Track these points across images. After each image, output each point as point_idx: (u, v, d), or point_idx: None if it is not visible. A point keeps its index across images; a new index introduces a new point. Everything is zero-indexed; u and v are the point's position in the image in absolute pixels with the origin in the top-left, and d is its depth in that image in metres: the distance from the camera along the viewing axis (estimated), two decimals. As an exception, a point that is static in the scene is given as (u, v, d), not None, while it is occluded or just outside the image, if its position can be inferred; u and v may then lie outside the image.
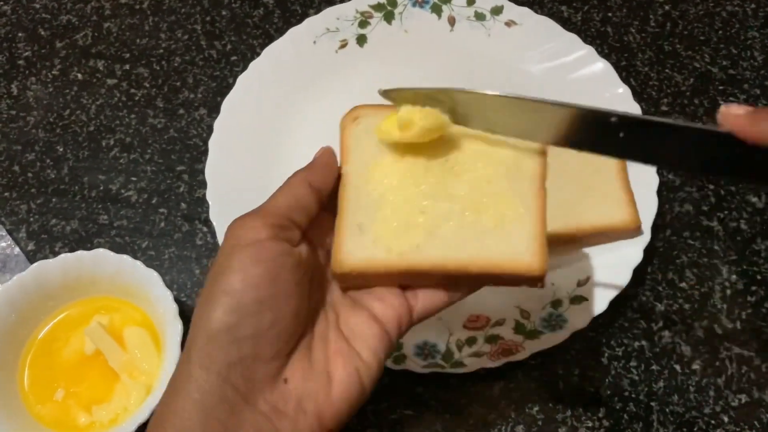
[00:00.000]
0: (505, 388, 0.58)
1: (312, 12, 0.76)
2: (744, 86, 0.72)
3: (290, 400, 0.37)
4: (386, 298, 0.41)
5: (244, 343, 0.36)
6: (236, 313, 0.36)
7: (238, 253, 0.37)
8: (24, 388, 0.55)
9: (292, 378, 0.38)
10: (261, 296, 0.37)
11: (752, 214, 0.65)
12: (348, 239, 0.41)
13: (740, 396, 0.57)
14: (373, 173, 0.42)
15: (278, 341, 0.37)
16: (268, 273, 0.37)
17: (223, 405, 0.35)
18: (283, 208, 0.40)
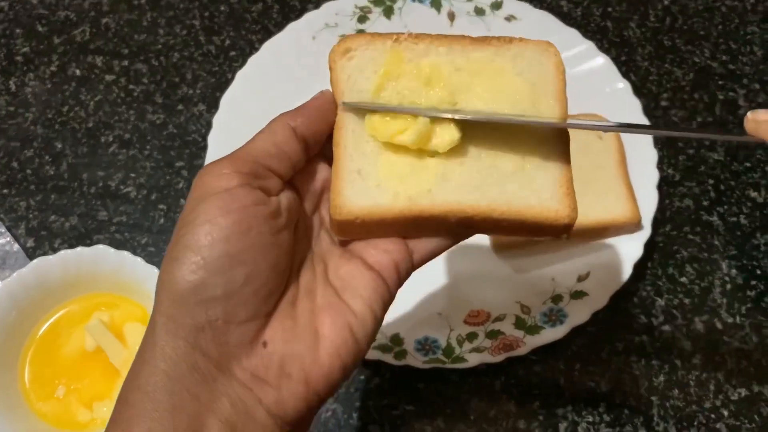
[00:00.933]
0: (506, 383, 0.58)
1: (311, 7, 0.76)
2: (743, 81, 0.72)
3: (271, 365, 0.33)
4: (381, 244, 0.37)
5: (213, 304, 0.32)
6: (203, 271, 0.32)
7: (205, 204, 0.33)
8: (25, 385, 0.55)
9: (273, 340, 0.34)
10: (231, 250, 0.32)
11: (752, 209, 0.65)
12: (347, 185, 0.37)
13: (740, 390, 0.58)
14: (373, 115, 0.38)
15: (254, 300, 0.33)
16: (239, 224, 0.33)
17: (194, 374, 0.32)
18: (259, 153, 0.35)
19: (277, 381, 0.33)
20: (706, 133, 0.64)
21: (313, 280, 0.37)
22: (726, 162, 0.68)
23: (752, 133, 0.34)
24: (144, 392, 0.31)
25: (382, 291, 0.36)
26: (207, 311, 0.32)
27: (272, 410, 0.33)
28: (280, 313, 0.35)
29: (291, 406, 0.33)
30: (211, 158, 0.65)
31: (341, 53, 0.40)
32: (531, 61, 0.40)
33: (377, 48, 0.40)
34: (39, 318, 0.57)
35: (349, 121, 0.38)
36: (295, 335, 0.34)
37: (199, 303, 0.32)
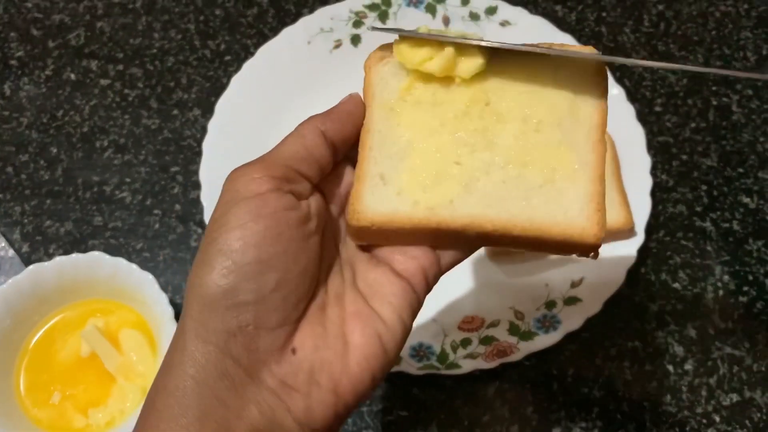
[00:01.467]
0: (500, 389, 0.58)
1: (306, 12, 0.76)
2: (737, 86, 0.73)
3: (301, 372, 0.33)
4: (408, 250, 0.37)
5: (244, 309, 0.32)
6: (234, 276, 0.32)
7: (236, 208, 0.33)
8: (20, 392, 0.55)
9: (302, 347, 0.33)
10: (262, 256, 0.32)
11: (744, 215, 0.66)
12: (368, 190, 0.36)
13: (732, 395, 0.58)
14: (401, 117, 0.37)
15: (284, 306, 0.33)
16: (270, 229, 0.33)
17: (223, 381, 0.31)
18: (290, 158, 0.35)
19: (307, 389, 0.33)
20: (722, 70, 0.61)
21: (342, 286, 0.36)
22: (719, 168, 0.68)
23: None
24: (172, 397, 0.31)
25: (411, 299, 0.36)
26: (238, 317, 0.32)
27: (300, 419, 0.33)
28: (310, 319, 0.34)
29: (319, 414, 0.33)
30: (206, 164, 0.65)
31: (377, 59, 0.39)
32: (573, 71, 0.38)
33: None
34: (34, 324, 0.57)
35: (377, 122, 0.38)
36: (325, 342, 0.34)
37: (230, 308, 0.32)
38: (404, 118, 0.38)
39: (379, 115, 0.38)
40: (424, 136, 0.37)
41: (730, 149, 0.69)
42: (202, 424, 0.31)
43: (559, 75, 0.38)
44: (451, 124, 0.37)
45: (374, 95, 0.38)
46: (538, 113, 0.37)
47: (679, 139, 0.70)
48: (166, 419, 0.31)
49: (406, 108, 0.38)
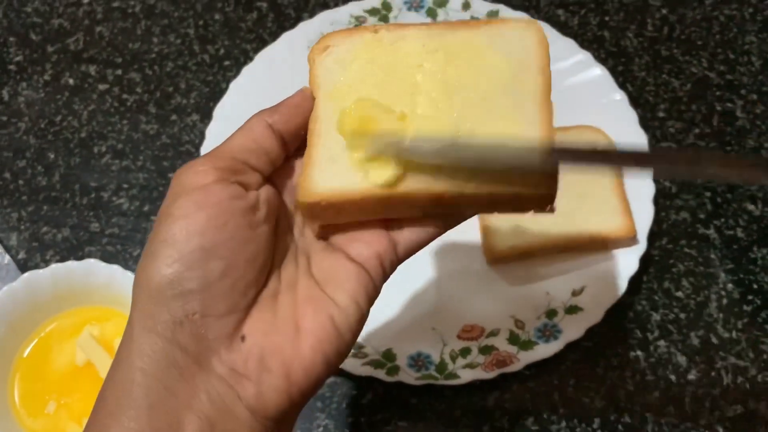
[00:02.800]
0: (500, 399, 0.58)
1: (306, 16, 0.76)
2: (741, 92, 0.72)
3: (251, 358, 0.33)
4: (364, 236, 0.37)
5: (190, 297, 0.32)
6: (178, 264, 0.32)
7: (181, 200, 0.33)
8: (15, 402, 0.54)
9: (252, 333, 0.33)
10: (207, 243, 0.33)
11: (749, 222, 0.65)
12: (316, 169, 0.36)
13: (736, 407, 0.57)
14: (345, 103, 0.38)
15: (232, 294, 0.33)
16: (215, 218, 0.33)
17: (171, 370, 0.31)
18: (236, 150, 0.36)
19: (257, 375, 0.33)
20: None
21: (295, 274, 0.36)
22: (723, 174, 0.67)
23: None
24: (120, 389, 0.31)
25: (366, 283, 0.36)
26: (184, 305, 0.32)
27: (252, 405, 0.33)
28: (260, 306, 0.34)
29: (272, 400, 0.33)
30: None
31: (320, 50, 0.40)
32: (513, 38, 0.39)
33: (354, 41, 0.40)
34: (29, 332, 0.56)
35: (324, 110, 0.38)
36: (276, 328, 0.34)
37: (176, 297, 0.32)
38: (349, 101, 0.38)
39: (326, 104, 0.38)
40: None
41: (734, 155, 0.68)
42: (150, 416, 0.31)
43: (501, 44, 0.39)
44: (399, 101, 0.37)
45: (320, 86, 0.39)
46: (481, 83, 0.38)
47: (682, 144, 0.69)
48: (115, 412, 0.31)
49: (352, 91, 0.38)
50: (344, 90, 0.38)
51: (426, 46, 0.39)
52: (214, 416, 0.32)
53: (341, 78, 0.39)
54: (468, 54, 0.39)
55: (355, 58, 0.39)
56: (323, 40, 0.40)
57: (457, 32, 0.40)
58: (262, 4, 0.78)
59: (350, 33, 0.40)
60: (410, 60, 0.39)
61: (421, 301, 0.60)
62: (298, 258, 0.37)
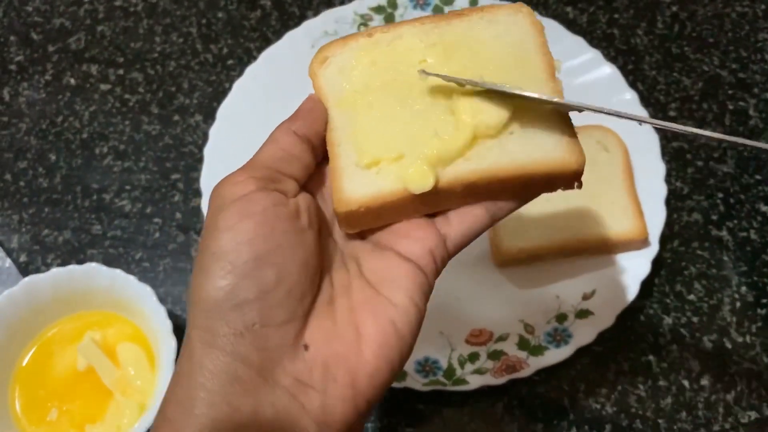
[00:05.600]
0: (509, 405, 0.56)
1: (310, 15, 0.74)
2: (754, 90, 0.70)
3: (315, 368, 0.32)
4: (412, 233, 0.36)
5: (247, 308, 0.31)
6: (232, 276, 0.32)
7: (224, 212, 0.33)
8: (16, 409, 0.53)
9: (314, 342, 0.33)
10: (258, 252, 0.32)
11: (762, 224, 0.64)
12: (346, 178, 0.36)
13: (750, 413, 0.56)
14: (358, 109, 0.38)
15: (289, 301, 0.32)
16: (262, 226, 0.33)
17: (234, 386, 0.31)
18: (269, 160, 0.36)
19: (322, 385, 0.32)
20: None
21: (348, 278, 0.36)
22: (736, 174, 0.66)
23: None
24: (183, 407, 0.31)
25: (421, 281, 0.35)
26: (243, 316, 0.31)
27: (318, 417, 0.32)
28: (318, 314, 0.34)
29: (338, 411, 0.32)
30: (207, 171, 0.64)
31: (319, 63, 0.40)
32: (506, 24, 0.40)
33: (352, 48, 0.40)
34: (30, 338, 0.56)
35: (337, 119, 0.38)
36: (337, 336, 0.33)
37: (234, 308, 0.31)
38: (361, 111, 0.38)
39: (338, 113, 0.38)
40: (385, 120, 0.37)
41: (747, 155, 0.67)
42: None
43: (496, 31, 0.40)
44: (408, 100, 0.38)
45: (327, 96, 0.39)
46: (486, 71, 0.38)
47: (694, 144, 0.68)
48: (178, 429, 0.30)
49: (361, 102, 0.38)
50: (351, 97, 0.39)
51: (423, 41, 0.40)
52: (278, 430, 0.31)
53: (347, 86, 0.39)
54: (467, 44, 0.39)
55: (357, 64, 0.40)
56: (321, 52, 0.40)
57: (451, 24, 0.40)
58: (265, 3, 0.77)
59: (345, 41, 0.40)
60: (411, 57, 0.39)
61: (429, 304, 0.59)
62: (347, 262, 0.37)
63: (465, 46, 0.39)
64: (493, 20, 0.40)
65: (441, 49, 0.39)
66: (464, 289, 0.60)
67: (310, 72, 0.40)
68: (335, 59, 0.40)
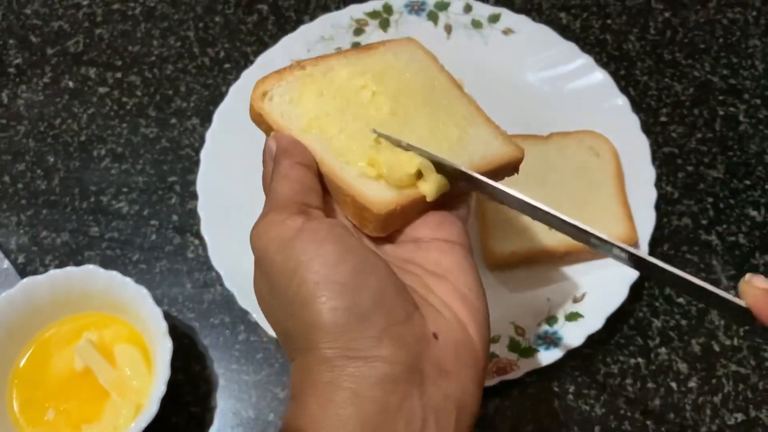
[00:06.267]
0: (500, 407, 0.57)
1: (306, 19, 0.75)
2: (744, 96, 0.71)
3: (449, 354, 0.34)
4: (433, 220, 0.39)
5: (373, 315, 0.32)
6: (344, 294, 0.32)
7: (293, 249, 0.34)
8: (13, 409, 0.54)
9: (440, 331, 0.34)
10: (353, 266, 0.33)
11: (751, 228, 0.65)
12: (364, 188, 0.38)
13: (737, 415, 0.57)
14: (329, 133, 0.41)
15: (399, 299, 0.34)
16: (338, 245, 0.34)
17: (385, 384, 0.31)
18: (290, 195, 0.36)
19: (457, 369, 0.34)
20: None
21: (419, 279, 0.37)
22: (725, 179, 0.67)
23: (741, 294, 0.32)
24: (326, 411, 0.31)
25: (471, 258, 0.38)
26: (375, 323, 0.32)
27: (458, 401, 0.33)
28: (425, 308, 0.35)
29: (472, 393, 0.34)
30: (204, 173, 0.64)
31: (261, 98, 0.42)
32: (408, 53, 0.46)
33: (289, 80, 0.43)
34: (28, 338, 0.56)
35: (315, 145, 0.40)
36: (449, 325, 0.35)
37: (361, 320, 0.32)
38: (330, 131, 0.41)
39: (309, 140, 0.40)
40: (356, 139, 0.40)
41: (737, 160, 0.68)
42: None
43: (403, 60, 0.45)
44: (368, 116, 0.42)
45: (290, 127, 0.41)
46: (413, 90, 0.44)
47: (684, 149, 0.68)
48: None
49: (324, 122, 0.41)
50: (314, 123, 0.41)
51: (353, 71, 0.43)
52: (425, 420, 0.32)
53: (304, 115, 0.41)
54: (389, 71, 0.44)
55: (302, 95, 0.42)
56: (257, 88, 0.42)
57: (369, 55, 0.45)
58: (262, 7, 0.78)
59: (280, 74, 0.43)
60: (352, 83, 0.43)
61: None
62: (405, 267, 0.38)
63: (389, 73, 0.44)
64: (397, 51, 0.46)
65: (372, 76, 0.43)
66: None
67: (257, 108, 0.41)
68: (277, 92, 0.42)
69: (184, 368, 0.59)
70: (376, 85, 0.43)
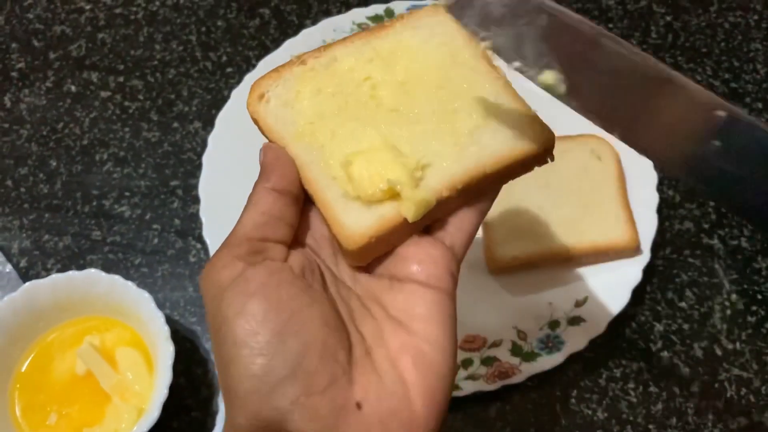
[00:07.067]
0: (502, 410, 0.57)
1: (308, 23, 0.75)
2: (746, 100, 0.71)
3: (373, 427, 0.31)
4: (423, 255, 0.34)
5: (287, 384, 0.31)
6: (261, 358, 0.31)
7: (225, 300, 0.32)
8: (16, 414, 0.54)
9: (366, 400, 0.31)
10: (275, 327, 0.31)
11: (753, 232, 0.64)
12: (342, 212, 0.35)
13: (740, 419, 0.57)
14: (318, 138, 0.37)
15: (324, 363, 0.31)
16: (267, 301, 0.32)
17: None
18: (249, 230, 0.34)
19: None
20: None
21: (376, 324, 0.34)
22: (727, 183, 0.67)
23: None
24: None
25: (448, 306, 0.34)
26: (285, 394, 0.30)
27: None
28: (360, 369, 0.32)
29: None
30: (206, 177, 0.65)
31: (257, 100, 0.38)
32: (430, 26, 0.40)
33: (287, 78, 0.39)
34: (30, 342, 0.56)
35: (303, 154, 0.37)
36: (385, 390, 0.32)
37: (274, 389, 0.31)
38: (322, 137, 0.37)
39: (300, 149, 0.37)
40: (357, 146, 0.37)
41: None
42: None
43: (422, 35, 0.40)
44: (369, 120, 0.37)
45: (281, 133, 0.37)
46: (428, 74, 0.38)
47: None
48: None
49: (318, 127, 0.37)
50: (308, 128, 0.37)
51: (360, 59, 0.39)
52: None
53: (298, 119, 0.37)
54: (402, 52, 0.39)
55: (298, 94, 0.38)
56: (254, 89, 0.39)
57: (380, 37, 0.40)
58: (264, 11, 0.78)
59: (279, 72, 0.39)
60: (354, 76, 0.39)
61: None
62: (369, 307, 0.35)
63: (400, 55, 0.39)
64: (416, 26, 0.40)
65: (381, 63, 0.39)
66: (458, 296, 0.60)
67: (252, 113, 0.38)
68: (274, 93, 0.38)
69: (185, 372, 0.59)
70: (383, 73, 0.39)
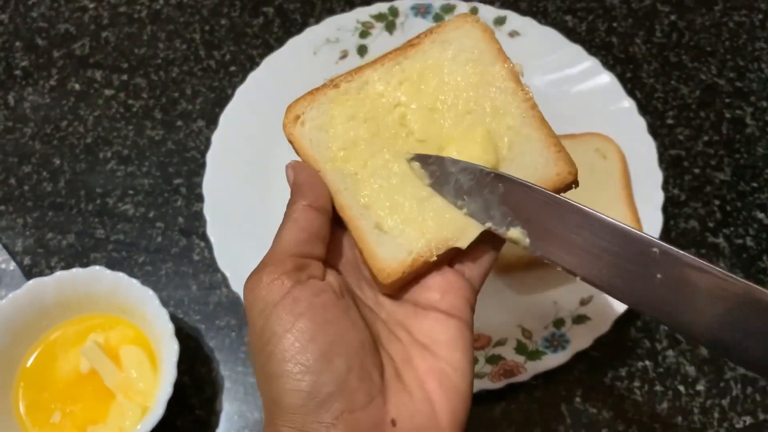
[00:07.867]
0: (507, 410, 0.57)
1: (312, 22, 0.75)
2: (751, 98, 0.71)
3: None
4: (446, 286, 0.37)
5: (332, 400, 0.32)
6: (309, 375, 0.33)
7: (274, 316, 0.34)
8: (20, 411, 0.54)
9: (400, 417, 0.34)
10: (323, 347, 0.33)
11: (759, 231, 0.64)
12: (376, 246, 0.37)
13: (745, 418, 0.56)
14: (353, 167, 0.38)
15: (363, 382, 0.34)
16: (316, 321, 0.34)
17: None
18: (293, 246, 0.36)
19: None
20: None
21: (404, 348, 0.37)
22: (732, 182, 0.67)
23: None
24: None
25: (466, 333, 0.36)
26: (330, 409, 0.32)
27: None
28: (392, 390, 0.35)
29: None
30: (209, 176, 0.64)
31: (293, 122, 0.40)
32: (458, 40, 0.41)
33: (321, 102, 0.40)
34: (34, 340, 0.56)
35: (337, 181, 0.38)
36: (416, 409, 0.34)
37: (320, 405, 0.32)
38: (354, 166, 0.38)
39: (333, 173, 0.39)
40: (385, 172, 0.38)
41: (743, 163, 0.68)
42: None
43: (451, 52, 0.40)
44: (400, 146, 0.39)
45: (316, 158, 0.39)
46: (457, 93, 0.39)
47: (691, 152, 0.68)
48: None
49: (351, 154, 0.39)
50: (341, 154, 0.39)
51: (390, 83, 0.40)
52: None
53: (332, 144, 0.39)
54: (430, 72, 0.40)
55: (333, 119, 0.39)
56: (290, 110, 0.40)
57: (408, 57, 0.41)
58: (268, 10, 0.78)
59: (313, 96, 0.40)
60: (385, 101, 0.40)
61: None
62: (395, 331, 0.37)
63: (430, 76, 0.40)
64: (445, 41, 0.41)
65: (409, 86, 0.40)
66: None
67: (287, 135, 0.40)
68: (309, 116, 0.40)
69: (189, 370, 0.59)
70: (412, 98, 0.40)
